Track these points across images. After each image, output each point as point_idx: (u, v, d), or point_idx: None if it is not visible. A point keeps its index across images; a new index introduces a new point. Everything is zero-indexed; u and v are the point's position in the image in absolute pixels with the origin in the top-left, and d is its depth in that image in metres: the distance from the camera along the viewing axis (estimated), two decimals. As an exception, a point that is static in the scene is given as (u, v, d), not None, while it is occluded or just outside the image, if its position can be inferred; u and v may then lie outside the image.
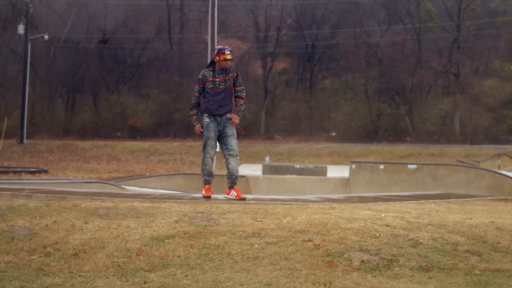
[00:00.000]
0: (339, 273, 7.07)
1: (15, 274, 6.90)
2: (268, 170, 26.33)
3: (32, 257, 7.36)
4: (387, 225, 8.48)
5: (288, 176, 25.01)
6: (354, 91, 70.73)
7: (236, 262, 7.28)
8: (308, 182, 24.15)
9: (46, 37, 62.50)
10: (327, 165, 31.36)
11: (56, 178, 24.29)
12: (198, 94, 11.08)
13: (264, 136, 69.03)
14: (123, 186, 15.49)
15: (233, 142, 10.95)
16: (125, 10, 72.91)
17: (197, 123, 11.02)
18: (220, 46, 10.98)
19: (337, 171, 27.61)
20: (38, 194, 10.26)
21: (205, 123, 10.94)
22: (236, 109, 11.01)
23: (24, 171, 33.82)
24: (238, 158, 11.09)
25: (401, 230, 8.30)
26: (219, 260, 7.34)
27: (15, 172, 32.88)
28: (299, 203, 9.93)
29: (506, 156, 34.63)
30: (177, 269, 7.12)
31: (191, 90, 58.95)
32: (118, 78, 73.61)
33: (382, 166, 23.08)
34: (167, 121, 71.55)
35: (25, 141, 58.74)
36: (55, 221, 8.31)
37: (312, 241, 7.79)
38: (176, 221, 8.42)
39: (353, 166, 23.63)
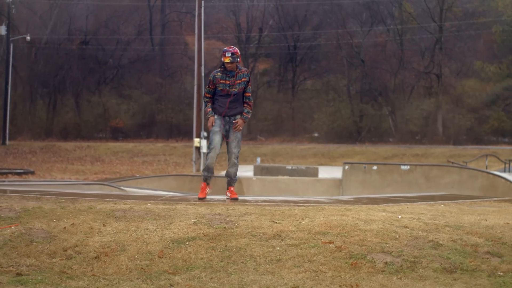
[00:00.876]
0: (364, 275, 7.04)
1: (39, 277, 6.82)
2: (260, 171, 26.29)
3: (53, 260, 7.28)
4: (405, 227, 8.48)
5: (280, 177, 24.98)
6: (336, 92, 70.90)
7: (259, 265, 7.23)
8: (301, 183, 24.15)
9: (28, 38, 62.09)
10: (313, 165, 31.36)
11: (54, 180, 24.11)
12: (208, 95, 11.11)
13: (246, 137, 68.93)
14: (122, 188, 15.40)
15: (233, 145, 10.97)
16: (107, 11, 72.61)
17: (213, 115, 10.95)
18: (225, 48, 10.98)
19: (328, 172, 27.64)
20: (48, 196, 10.17)
21: (213, 117, 10.96)
22: (243, 115, 10.98)
23: (11, 173, 33.57)
24: (237, 161, 11.12)
25: (420, 232, 8.29)
26: (242, 262, 7.29)
27: (1, 174, 32.62)
28: (312, 204, 9.91)
29: (492, 157, 34.80)
30: (201, 271, 7.07)
31: (173, 91, 59.08)
32: (100, 79, 73.35)
33: (375, 167, 23.10)
34: (149, 122, 71.40)
35: (7, 142, 58.33)
36: (73, 223, 8.23)
37: (333, 243, 7.76)
38: (194, 223, 8.38)
39: (346, 167, 23.64)
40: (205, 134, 34.91)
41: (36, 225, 8.17)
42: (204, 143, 34.47)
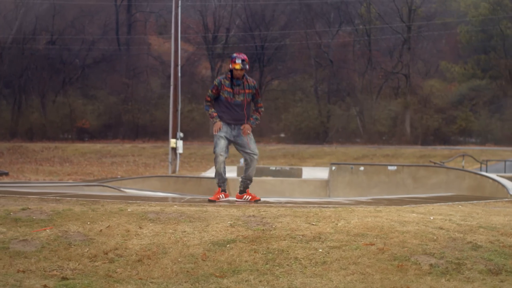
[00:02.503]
0: (412, 277, 7.03)
1: (85, 282, 6.72)
2: (243, 172, 26.18)
3: (96, 263, 7.18)
4: (441, 228, 8.48)
5: (267, 178, 24.95)
6: (304, 92, 71.00)
7: (305, 267, 7.19)
8: (287, 184, 24.13)
9: (-6, 38, 61.37)
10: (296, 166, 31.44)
11: (52, 181, 23.80)
12: (210, 99, 10.87)
13: (213, 138, 68.67)
14: (122, 189, 15.24)
15: (252, 145, 10.89)
16: (74, 10, 71.93)
17: (219, 120, 10.76)
18: (234, 54, 10.78)
19: (310, 173, 27.65)
20: (68, 198, 10.03)
21: (218, 124, 10.81)
22: (251, 120, 10.84)
23: (-15, 174, 33.15)
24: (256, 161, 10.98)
25: (456, 233, 8.30)
26: (287, 265, 7.25)
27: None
28: (337, 206, 9.88)
29: (466, 157, 35.12)
30: (248, 274, 7.00)
31: (139, 92, 58.60)
32: (66, 79, 72.63)
33: (362, 168, 23.16)
34: (115, 122, 70.90)
35: (-28, 143, 57.62)
36: (109, 226, 8.12)
37: (374, 244, 7.74)
38: (231, 225, 8.31)
39: (333, 167, 23.68)
40: (181, 135, 34.73)
41: (71, 228, 8.04)
42: (180, 144, 34.30)
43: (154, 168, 47.93)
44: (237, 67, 10.53)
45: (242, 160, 36.11)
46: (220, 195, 10.89)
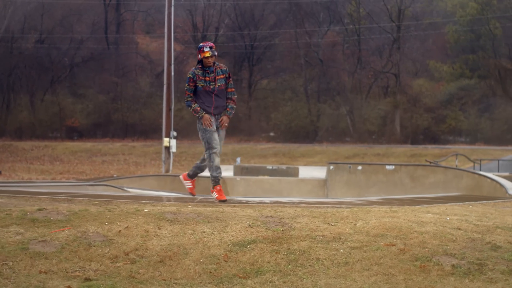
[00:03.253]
0: (435, 278, 7.02)
1: (109, 283, 6.68)
2: (240, 171, 26.18)
3: (117, 264, 7.13)
4: (459, 228, 8.48)
5: (265, 177, 24.91)
6: (293, 92, 70.97)
7: (328, 268, 7.17)
8: (285, 183, 24.11)
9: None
10: (293, 165, 31.42)
11: (55, 181, 23.65)
12: (189, 93, 10.82)
13: (202, 136, 68.62)
14: (125, 189, 15.17)
15: (220, 143, 10.89)
16: (63, 9, 71.65)
17: (204, 113, 10.71)
18: (201, 44, 10.79)
19: (306, 172, 27.63)
20: (80, 198, 9.97)
21: (204, 117, 10.76)
22: (227, 111, 10.83)
23: (-21, 173, 32.97)
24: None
25: (474, 234, 8.30)
26: (310, 266, 7.22)
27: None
28: (350, 206, 9.86)
29: (458, 156, 35.20)
30: (271, 275, 6.98)
31: (129, 90, 58.45)
32: (55, 78, 72.34)
33: (360, 167, 23.17)
34: (105, 121, 70.69)
35: (-40, 142, 57.30)
36: (127, 226, 8.07)
37: (395, 245, 7.72)
38: (250, 226, 8.28)
39: (331, 167, 23.66)
40: (175, 133, 34.63)
41: (90, 229, 7.98)
42: (173, 142, 34.19)
43: (145, 167, 47.83)
44: (207, 54, 10.54)
45: (238, 160, 36.04)
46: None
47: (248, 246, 7.64)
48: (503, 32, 67.98)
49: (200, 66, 10.67)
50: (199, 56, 10.57)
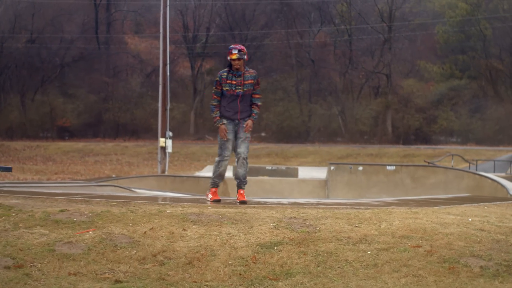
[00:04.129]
0: (465, 280, 7.01)
1: (140, 285, 6.67)
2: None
3: (146, 266, 7.11)
4: (482, 230, 8.48)
5: (265, 177, 24.91)
6: (285, 92, 70.92)
7: (357, 270, 7.16)
8: (285, 183, 24.10)
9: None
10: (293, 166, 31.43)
11: (63, 181, 23.53)
12: (216, 97, 10.67)
13: (194, 137, 68.68)
14: (132, 189, 15.11)
15: (243, 146, 10.70)
16: (53, 9, 71.40)
17: (222, 124, 10.63)
18: (230, 45, 10.67)
19: (305, 173, 27.63)
20: (97, 199, 9.91)
21: (223, 123, 10.68)
22: (252, 115, 10.69)
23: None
24: (246, 162, 10.83)
25: (498, 235, 8.31)
26: (339, 267, 7.21)
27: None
28: (368, 207, 9.85)
29: (449, 157, 35.31)
30: (301, 277, 6.97)
31: (120, 90, 58.35)
32: (46, 78, 72.11)
33: (360, 168, 23.19)
34: (96, 121, 70.53)
35: (-48, 142, 57.02)
36: (152, 228, 8.04)
37: (421, 247, 7.72)
38: (275, 227, 8.25)
39: (332, 167, 23.68)
40: (171, 134, 34.55)
41: (114, 230, 7.94)
42: (169, 143, 34.10)
43: (138, 167, 47.70)
44: (234, 57, 10.39)
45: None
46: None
47: (275, 247, 7.61)
48: (493, 32, 68.20)
49: (228, 69, 10.54)
50: (228, 58, 10.47)
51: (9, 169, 9.79)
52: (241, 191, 10.84)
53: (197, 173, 32.29)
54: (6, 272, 6.70)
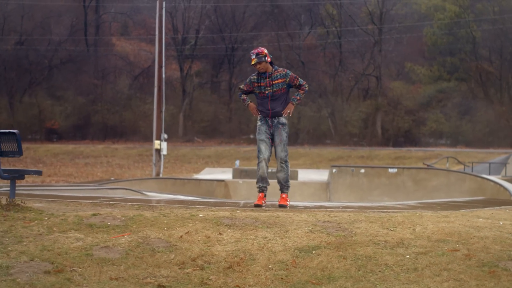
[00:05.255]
0: (506, 284, 7.00)
1: (184, 290, 6.60)
2: (239, 174, 26.14)
3: (186, 270, 7.06)
4: (515, 233, 8.48)
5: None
6: (275, 94, 70.69)
7: (398, 274, 7.13)
8: (287, 186, 23.99)
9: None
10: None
11: (75, 184, 23.36)
12: (243, 87, 10.74)
13: (183, 139, 68.57)
14: (144, 193, 15.05)
15: (278, 149, 10.59)
16: (42, 11, 71.10)
17: (250, 102, 10.63)
18: (252, 51, 10.65)
19: (304, 175, 27.64)
20: (122, 203, 9.86)
21: (258, 125, 10.66)
22: (293, 97, 10.54)
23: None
24: (286, 165, 10.75)
25: (532, 238, 8.29)
26: (379, 271, 7.18)
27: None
28: (395, 210, 9.84)
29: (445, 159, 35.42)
30: (344, 281, 6.94)
31: (108, 92, 58.24)
32: (34, 80, 71.77)
33: (362, 170, 23.20)
34: (84, 123, 70.31)
35: None
36: (187, 232, 7.98)
37: (459, 250, 7.70)
38: (311, 231, 8.22)
39: (334, 170, 23.67)
40: (166, 136, 34.49)
41: (150, 234, 7.89)
42: (164, 145, 34.05)
43: (129, 169, 47.53)
44: (253, 62, 10.39)
45: (237, 162, 35.92)
46: (264, 200, 10.69)
47: (313, 251, 7.58)
48: (483, 35, 68.49)
49: (257, 73, 10.52)
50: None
51: (39, 173, 9.63)
52: (283, 195, 10.75)
53: (196, 176, 32.24)
54: (47, 277, 6.64)
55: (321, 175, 26.68)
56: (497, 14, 66.14)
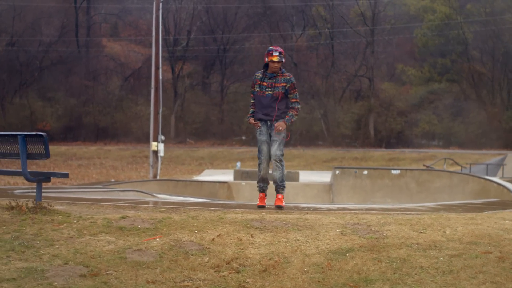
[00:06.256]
0: (543, 285, 6.97)
1: (224, 293, 6.56)
2: (240, 175, 26.09)
3: (222, 273, 7.01)
4: (544, 235, 8.46)
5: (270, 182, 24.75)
6: (267, 95, 70.66)
7: (434, 277, 7.09)
8: (290, 187, 23.84)
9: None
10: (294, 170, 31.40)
11: (84, 185, 23.18)
12: (252, 96, 10.59)
13: (175, 140, 68.41)
14: (154, 194, 14.98)
15: (274, 146, 10.44)
16: (34, 12, 70.82)
17: (251, 118, 10.55)
18: (270, 47, 10.52)
19: (305, 176, 27.62)
20: (145, 205, 9.80)
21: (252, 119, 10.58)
22: (286, 118, 10.41)
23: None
24: (281, 164, 10.61)
25: (561, 240, 8.28)
26: (415, 274, 7.15)
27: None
28: (419, 213, 9.81)
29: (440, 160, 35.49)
30: (381, 284, 6.91)
31: (99, 93, 58.00)
32: (26, 81, 71.46)
33: (365, 172, 23.18)
34: (76, 124, 70.05)
35: None
36: (219, 235, 7.92)
37: (491, 253, 7.68)
38: (342, 234, 8.18)
39: (337, 171, 23.64)
40: (163, 137, 34.39)
41: (181, 237, 7.83)
42: (161, 146, 33.94)
43: (124, 171, 47.33)
44: (275, 59, 10.22)
45: (238, 164, 35.89)
46: (265, 200, 10.65)
47: (347, 254, 7.55)
48: (474, 36, 68.65)
49: (263, 70, 10.40)
50: (266, 59, 10.29)
51: (66, 175, 9.54)
52: (279, 196, 10.65)
53: (197, 177, 32.14)
54: (83, 280, 6.58)
55: (321, 176, 26.66)
56: (489, 15, 66.27)
